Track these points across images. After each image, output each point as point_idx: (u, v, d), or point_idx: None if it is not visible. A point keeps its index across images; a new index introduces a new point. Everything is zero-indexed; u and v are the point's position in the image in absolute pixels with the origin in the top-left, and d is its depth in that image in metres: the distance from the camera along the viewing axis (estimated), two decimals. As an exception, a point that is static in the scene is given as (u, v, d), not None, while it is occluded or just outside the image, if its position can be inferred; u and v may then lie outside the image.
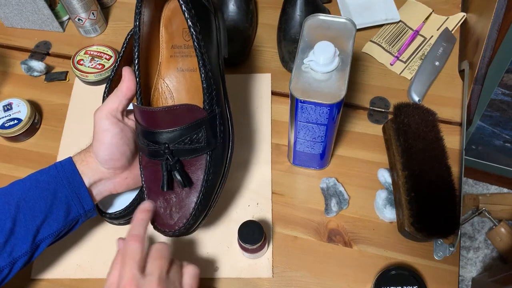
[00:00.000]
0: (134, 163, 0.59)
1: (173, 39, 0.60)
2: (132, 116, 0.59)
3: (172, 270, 0.51)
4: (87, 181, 0.56)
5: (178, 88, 0.60)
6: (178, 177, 0.53)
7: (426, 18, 0.83)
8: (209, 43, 0.56)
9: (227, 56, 0.62)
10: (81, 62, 0.78)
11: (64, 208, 0.54)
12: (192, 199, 0.54)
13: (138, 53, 0.55)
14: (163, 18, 0.59)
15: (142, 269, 0.48)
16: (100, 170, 0.56)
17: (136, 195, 0.63)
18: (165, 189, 0.53)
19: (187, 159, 0.54)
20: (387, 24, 0.82)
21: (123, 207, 0.62)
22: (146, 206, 0.54)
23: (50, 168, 0.56)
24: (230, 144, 0.59)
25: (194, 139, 0.53)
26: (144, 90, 0.57)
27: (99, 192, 0.58)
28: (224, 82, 0.60)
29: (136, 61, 0.56)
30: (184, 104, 0.53)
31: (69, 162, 0.56)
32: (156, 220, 0.55)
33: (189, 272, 0.52)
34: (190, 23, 0.53)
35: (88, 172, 0.56)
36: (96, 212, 0.59)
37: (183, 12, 0.53)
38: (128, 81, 0.55)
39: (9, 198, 0.54)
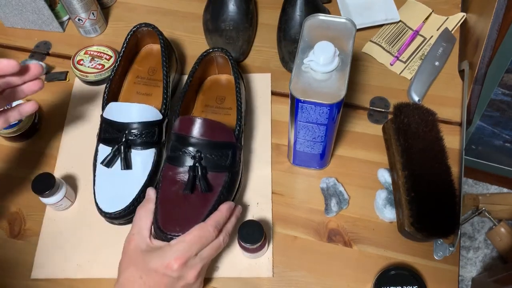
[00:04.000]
0: None
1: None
2: None
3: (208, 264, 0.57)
4: None
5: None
6: (204, 183, 0.59)
7: (426, 18, 0.83)
8: None
9: None
10: (81, 62, 0.78)
11: None
12: (202, 210, 0.58)
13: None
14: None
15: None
16: None
17: (136, 195, 0.63)
18: (187, 191, 0.58)
19: (211, 172, 0.61)
20: (387, 24, 0.82)
21: (123, 207, 0.62)
22: (238, 212, 0.61)
23: None
24: (241, 179, 0.66)
25: (223, 155, 0.61)
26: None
27: None
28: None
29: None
30: (223, 123, 0.62)
31: None
32: (163, 225, 0.57)
33: None
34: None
35: None
36: None
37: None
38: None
39: None
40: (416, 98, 0.74)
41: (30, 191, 0.62)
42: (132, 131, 0.64)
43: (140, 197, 0.63)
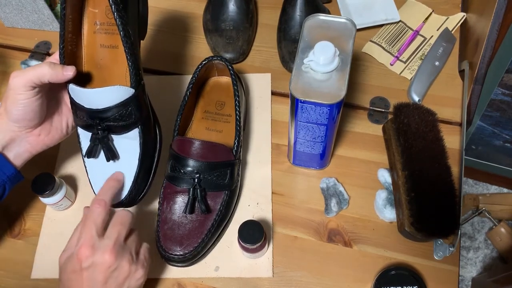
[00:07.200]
0: (45, 118, 0.59)
1: None
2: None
3: (131, 238, 0.55)
4: None
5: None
6: (203, 206, 0.60)
7: (426, 18, 0.83)
8: None
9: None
10: (81, 62, 0.77)
11: None
12: (202, 229, 0.61)
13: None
14: None
15: (101, 232, 0.53)
16: (10, 130, 0.56)
17: (132, 182, 0.60)
18: (187, 213, 0.60)
19: (210, 192, 0.62)
20: (387, 24, 0.82)
21: (123, 197, 0.60)
22: (118, 176, 0.58)
23: None
24: (239, 192, 0.67)
25: (222, 175, 0.62)
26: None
27: (17, 155, 0.58)
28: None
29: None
30: (223, 144, 0.62)
31: None
32: (164, 244, 0.60)
33: (147, 246, 0.57)
34: None
35: None
36: (22, 176, 0.59)
37: None
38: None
39: None
40: (416, 98, 0.74)
41: (30, 191, 0.62)
42: (105, 117, 0.56)
43: (137, 183, 0.60)
